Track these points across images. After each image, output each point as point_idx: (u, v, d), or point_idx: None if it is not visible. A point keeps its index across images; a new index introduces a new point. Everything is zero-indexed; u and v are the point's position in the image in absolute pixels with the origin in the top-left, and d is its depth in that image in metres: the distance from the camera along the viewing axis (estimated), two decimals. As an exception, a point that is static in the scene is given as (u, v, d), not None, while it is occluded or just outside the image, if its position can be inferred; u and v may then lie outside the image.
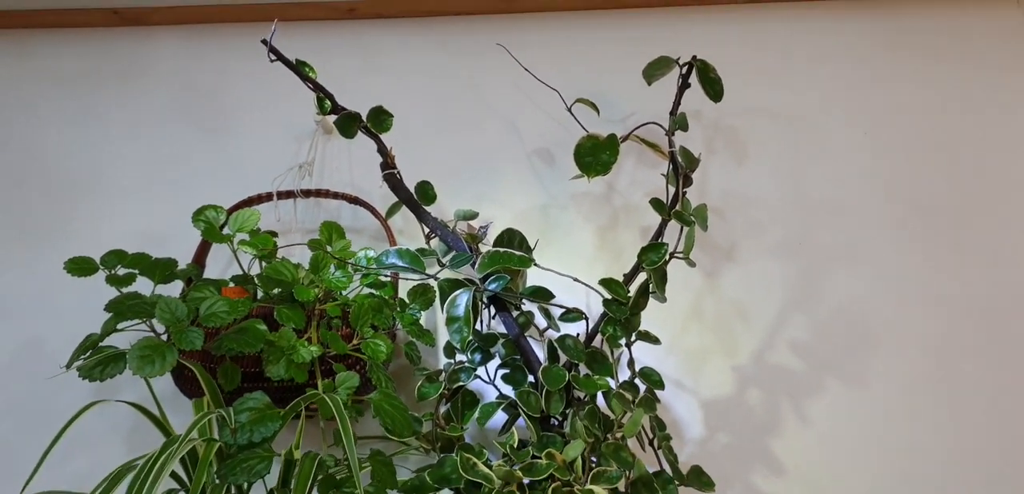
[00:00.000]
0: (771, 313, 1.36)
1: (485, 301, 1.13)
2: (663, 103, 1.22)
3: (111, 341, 0.93)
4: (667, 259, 1.06)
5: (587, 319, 1.12)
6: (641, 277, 1.09)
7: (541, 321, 1.19)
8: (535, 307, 1.16)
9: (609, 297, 1.08)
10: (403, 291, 1.19)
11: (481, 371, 1.13)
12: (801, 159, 1.47)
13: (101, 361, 0.85)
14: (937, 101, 1.50)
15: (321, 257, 1.09)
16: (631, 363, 1.13)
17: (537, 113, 1.50)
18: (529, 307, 1.18)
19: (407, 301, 1.14)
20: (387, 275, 1.17)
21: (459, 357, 1.13)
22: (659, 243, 1.07)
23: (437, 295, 1.06)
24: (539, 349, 1.15)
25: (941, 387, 1.30)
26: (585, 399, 1.09)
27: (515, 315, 1.14)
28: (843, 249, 1.40)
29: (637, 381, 1.11)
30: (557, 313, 1.13)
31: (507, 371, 1.12)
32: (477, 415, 1.08)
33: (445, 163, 1.47)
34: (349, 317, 1.06)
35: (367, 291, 1.11)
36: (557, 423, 1.10)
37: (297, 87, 1.11)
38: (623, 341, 1.09)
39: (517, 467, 0.96)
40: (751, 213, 1.43)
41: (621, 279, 1.10)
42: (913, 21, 1.57)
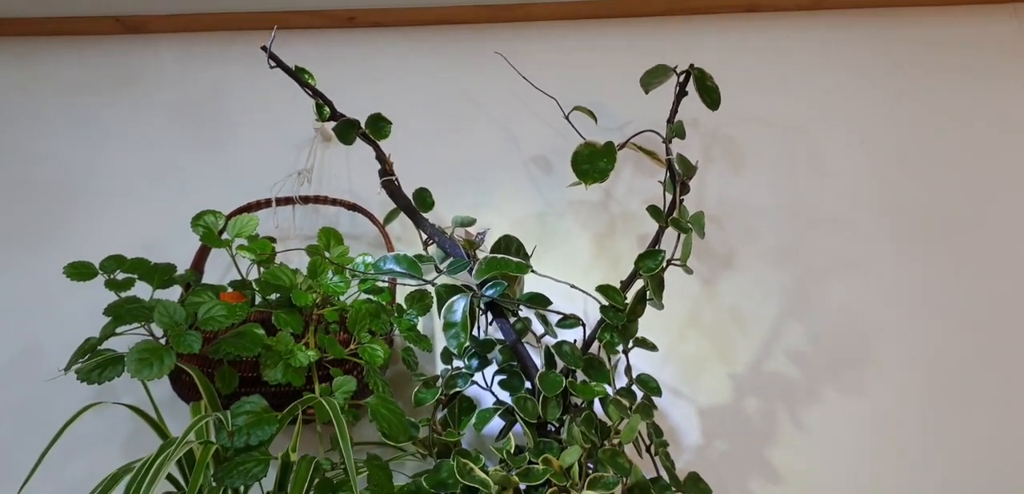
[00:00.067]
0: (768, 321, 1.37)
1: (482, 307, 1.14)
2: (660, 111, 1.23)
3: (110, 345, 0.93)
4: (664, 266, 1.06)
5: (584, 325, 1.12)
6: (638, 284, 1.10)
7: (538, 327, 1.20)
8: (532, 313, 1.17)
9: (606, 303, 1.08)
10: (401, 297, 1.20)
11: (478, 377, 1.13)
12: (798, 168, 1.47)
13: (99, 364, 0.85)
14: (934, 111, 1.51)
15: (319, 262, 1.10)
16: (628, 370, 1.13)
17: (535, 121, 1.51)
18: (526, 313, 1.19)
19: (405, 307, 1.14)
20: (385, 280, 1.18)
21: (456, 363, 1.14)
22: (656, 250, 1.07)
23: (434, 301, 1.07)
24: (536, 355, 1.15)
25: (937, 396, 1.30)
26: (582, 405, 1.10)
27: (512, 321, 1.14)
28: (840, 258, 1.40)
29: (634, 388, 1.12)
30: (554, 319, 1.13)
31: (504, 377, 1.13)
32: (474, 421, 1.08)
33: (443, 170, 1.47)
34: (346, 322, 1.06)
35: (364, 297, 1.12)
36: (554, 429, 1.10)
37: (296, 94, 1.12)
38: (620, 348, 1.09)
39: (514, 473, 0.96)
40: (748, 221, 1.44)
41: (618, 286, 1.11)
42: (909, 31, 1.58)
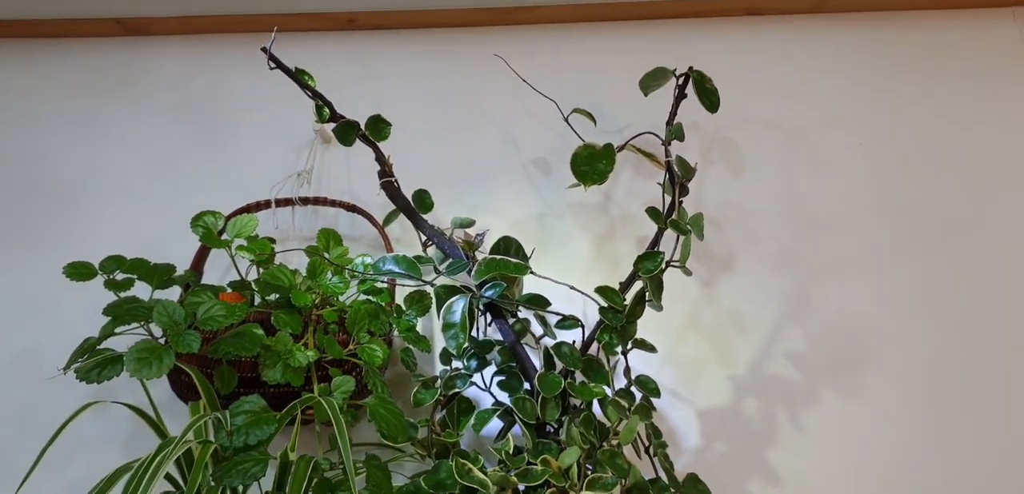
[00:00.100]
0: (767, 324, 1.37)
1: (481, 308, 1.14)
2: (660, 114, 1.23)
3: (109, 345, 0.93)
4: (663, 267, 1.06)
5: (583, 327, 1.12)
6: (637, 285, 1.10)
7: (537, 328, 1.20)
8: (531, 314, 1.17)
9: (605, 305, 1.08)
10: (400, 298, 1.20)
11: (477, 378, 1.13)
12: (798, 171, 1.48)
13: (99, 363, 0.85)
14: (933, 114, 1.52)
15: (318, 263, 1.10)
16: (627, 371, 1.13)
17: (534, 123, 1.52)
18: (525, 314, 1.19)
19: (404, 307, 1.14)
20: (384, 281, 1.18)
21: (455, 364, 1.14)
22: (655, 252, 1.07)
23: (433, 301, 1.07)
24: (535, 357, 1.15)
25: (937, 398, 1.30)
26: (581, 406, 1.09)
27: (511, 322, 1.14)
28: (839, 261, 1.40)
29: (633, 389, 1.12)
30: (553, 320, 1.13)
31: (503, 378, 1.12)
32: (473, 421, 1.08)
33: (443, 172, 1.48)
34: (345, 323, 1.06)
35: (364, 297, 1.12)
36: (553, 430, 1.10)
37: (296, 96, 1.13)
38: (619, 349, 1.09)
39: (512, 473, 0.96)
40: (748, 224, 1.44)
41: (617, 287, 1.11)
42: (909, 34, 1.59)
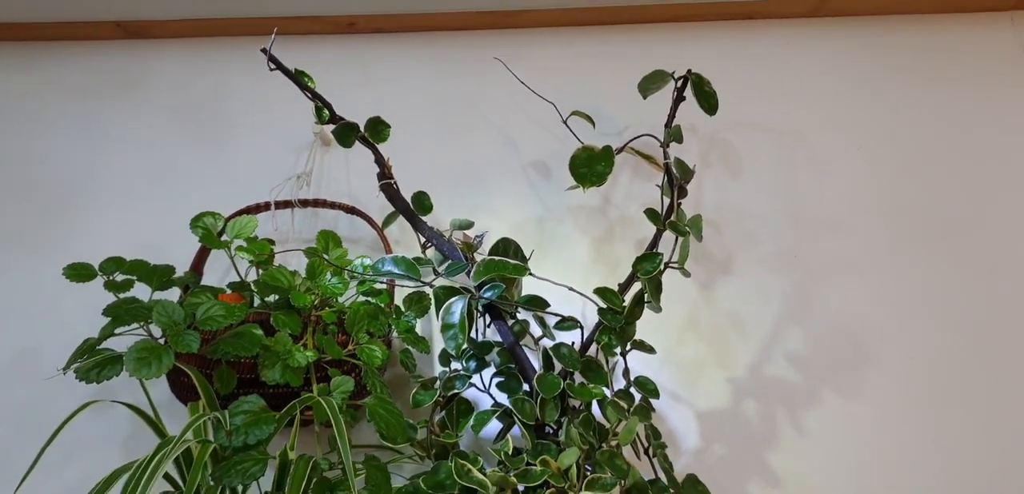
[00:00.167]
0: (767, 325, 1.37)
1: (480, 309, 1.14)
2: (658, 117, 1.24)
3: (109, 346, 0.94)
4: (662, 269, 1.07)
5: (582, 328, 1.12)
6: (636, 286, 1.10)
7: (536, 330, 1.20)
8: (530, 316, 1.17)
9: (604, 306, 1.09)
10: (399, 299, 1.20)
11: (476, 379, 1.13)
12: (796, 173, 1.48)
13: (98, 363, 0.85)
14: (932, 116, 1.52)
15: (317, 264, 1.10)
16: (626, 372, 1.13)
17: (533, 126, 1.52)
18: (524, 316, 1.19)
19: (403, 309, 1.14)
20: (383, 282, 1.18)
21: (454, 365, 1.14)
22: (654, 253, 1.07)
23: (433, 302, 1.07)
24: (534, 358, 1.15)
25: (936, 398, 1.30)
26: (580, 407, 1.10)
27: (510, 323, 1.14)
28: (838, 262, 1.41)
29: (632, 390, 1.12)
30: (552, 322, 1.13)
31: (502, 379, 1.12)
32: (472, 423, 1.08)
33: (442, 174, 1.48)
34: (345, 323, 1.06)
35: (363, 299, 1.12)
36: (552, 431, 1.10)
37: (296, 99, 1.13)
38: (618, 350, 1.09)
39: (512, 474, 0.96)
40: (746, 226, 1.44)
41: (616, 289, 1.11)
42: (907, 37, 1.59)
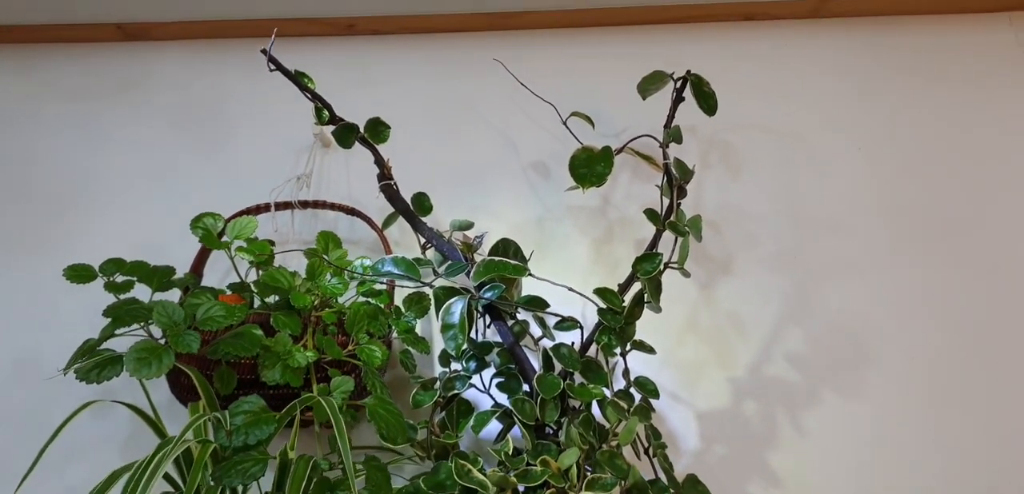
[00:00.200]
0: (767, 325, 1.37)
1: (480, 310, 1.14)
2: (658, 117, 1.24)
3: (109, 347, 0.94)
4: (661, 269, 1.07)
5: (582, 328, 1.12)
6: (636, 287, 1.10)
7: (536, 330, 1.20)
8: (530, 316, 1.17)
9: (604, 306, 1.09)
10: (399, 300, 1.20)
11: (476, 380, 1.13)
12: (796, 173, 1.48)
13: (99, 363, 0.86)
14: (930, 116, 1.52)
15: (317, 264, 1.10)
16: (626, 373, 1.13)
17: (533, 127, 1.52)
18: (524, 316, 1.19)
19: (403, 309, 1.14)
20: (383, 283, 1.18)
21: (454, 366, 1.14)
22: (654, 253, 1.07)
23: (432, 303, 1.07)
24: (534, 359, 1.15)
25: (937, 399, 1.30)
26: (580, 408, 1.10)
27: (510, 324, 1.14)
28: (838, 262, 1.41)
29: (632, 390, 1.12)
30: (552, 322, 1.13)
31: (502, 379, 1.13)
32: (472, 423, 1.08)
33: (441, 176, 1.48)
34: (345, 324, 1.06)
35: (363, 299, 1.12)
36: (552, 432, 1.10)
37: (295, 101, 1.13)
38: (618, 350, 1.10)
39: (512, 474, 0.96)
40: (746, 226, 1.44)
41: (616, 290, 1.11)
42: (906, 38, 1.59)
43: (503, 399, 1.11)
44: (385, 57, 1.62)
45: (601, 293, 1.09)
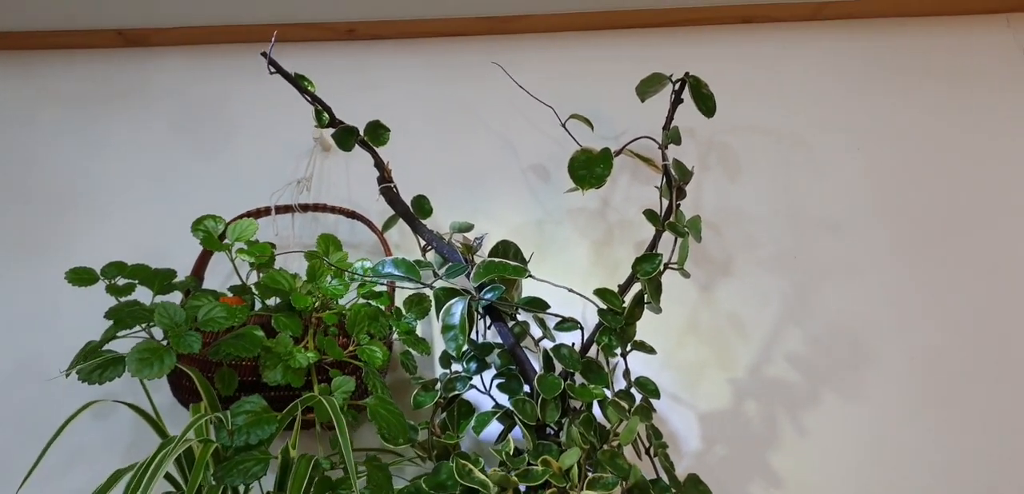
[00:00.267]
0: (767, 327, 1.37)
1: (480, 311, 1.14)
2: (657, 119, 1.24)
3: (111, 349, 0.94)
4: (661, 269, 1.07)
5: (582, 329, 1.12)
6: (636, 287, 1.10)
7: (536, 331, 1.20)
8: (530, 317, 1.17)
9: (604, 307, 1.09)
10: (399, 302, 1.20)
11: (477, 381, 1.13)
12: (795, 174, 1.49)
13: (101, 364, 0.86)
14: (928, 117, 1.53)
15: (318, 266, 1.11)
16: (627, 373, 1.13)
17: (532, 130, 1.53)
18: (524, 317, 1.19)
19: (403, 311, 1.15)
20: (383, 285, 1.18)
21: (455, 367, 1.14)
22: (653, 254, 1.08)
23: (433, 304, 1.08)
24: (535, 360, 1.15)
25: (936, 399, 1.30)
26: (581, 408, 1.10)
27: (510, 325, 1.15)
28: (838, 263, 1.41)
29: (633, 390, 1.12)
30: (552, 323, 1.14)
31: (503, 380, 1.13)
32: (473, 424, 1.08)
33: (441, 179, 1.48)
34: (345, 325, 1.07)
35: (363, 301, 1.12)
36: (553, 432, 1.10)
37: (296, 105, 1.14)
38: (618, 351, 1.10)
39: (513, 473, 0.96)
40: (746, 228, 1.44)
41: (616, 290, 1.11)
42: (904, 39, 1.60)
43: (504, 400, 1.11)
44: (385, 61, 1.63)
45: (601, 294, 1.09)
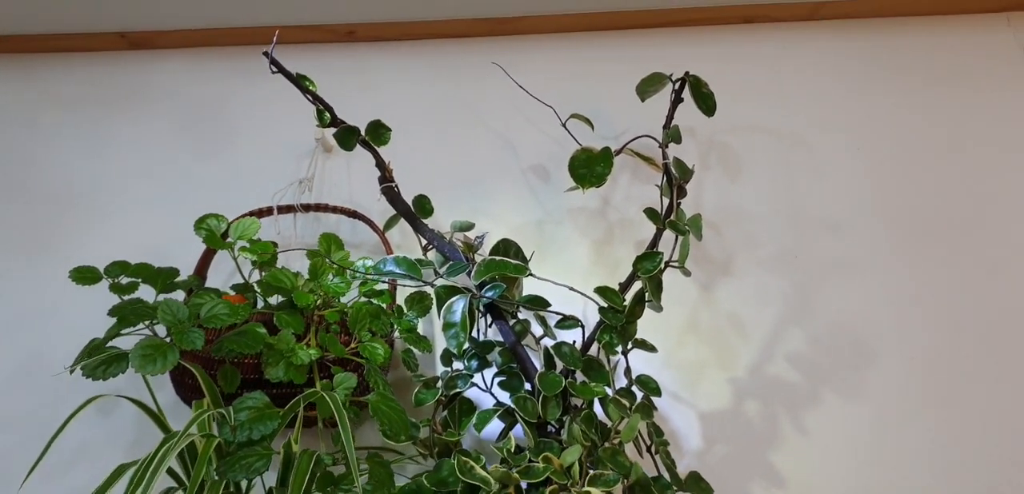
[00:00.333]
0: (767, 326, 1.37)
1: (481, 309, 1.14)
2: (657, 119, 1.25)
3: (115, 347, 0.94)
4: (662, 268, 1.07)
5: (583, 327, 1.13)
6: (637, 285, 1.11)
7: (537, 329, 1.20)
8: (531, 315, 1.17)
9: (605, 305, 1.09)
10: (401, 300, 1.20)
11: (478, 379, 1.13)
12: (796, 174, 1.49)
13: (104, 361, 0.86)
14: (928, 117, 1.53)
15: (320, 264, 1.11)
16: (628, 371, 1.13)
17: (532, 130, 1.53)
18: (525, 315, 1.19)
19: (405, 309, 1.15)
20: (385, 283, 1.19)
21: (456, 365, 1.14)
22: (654, 252, 1.08)
23: (434, 302, 1.08)
24: (535, 357, 1.16)
25: (937, 399, 1.30)
26: (582, 406, 1.10)
27: (511, 323, 1.15)
28: (838, 262, 1.41)
29: (634, 388, 1.12)
30: (553, 321, 1.14)
31: (504, 378, 1.13)
32: (474, 421, 1.08)
33: (442, 179, 1.49)
34: (347, 323, 1.07)
35: (365, 299, 1.13)
36: (554, 430, 1.11)
37: (297, 106, 1.14)
38: (619, 349, 1.10)
39: (514, 470, 0.97)
40: (746, 227, 1.45)
41: (617, 289, 1.12)
42: (904, 39, 1.61)
43: (505, 397, 1.11)
44: (385, 63, 1.64)
45: (602, 292, 1.09)
